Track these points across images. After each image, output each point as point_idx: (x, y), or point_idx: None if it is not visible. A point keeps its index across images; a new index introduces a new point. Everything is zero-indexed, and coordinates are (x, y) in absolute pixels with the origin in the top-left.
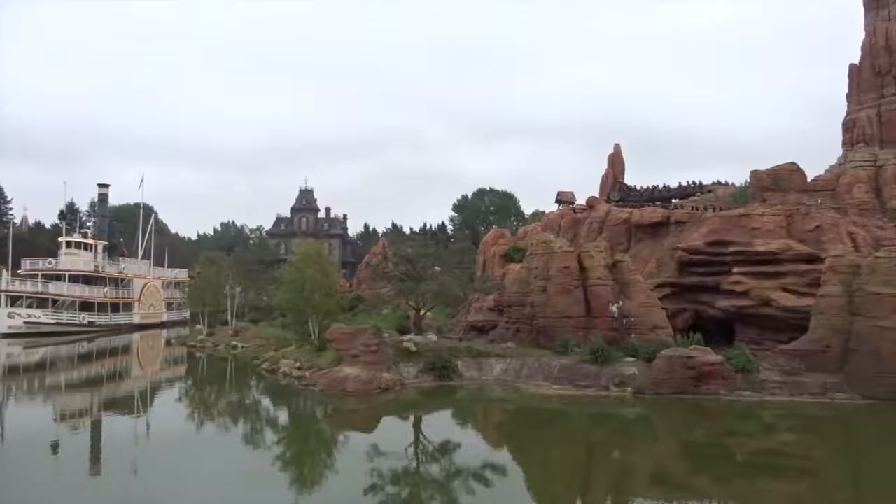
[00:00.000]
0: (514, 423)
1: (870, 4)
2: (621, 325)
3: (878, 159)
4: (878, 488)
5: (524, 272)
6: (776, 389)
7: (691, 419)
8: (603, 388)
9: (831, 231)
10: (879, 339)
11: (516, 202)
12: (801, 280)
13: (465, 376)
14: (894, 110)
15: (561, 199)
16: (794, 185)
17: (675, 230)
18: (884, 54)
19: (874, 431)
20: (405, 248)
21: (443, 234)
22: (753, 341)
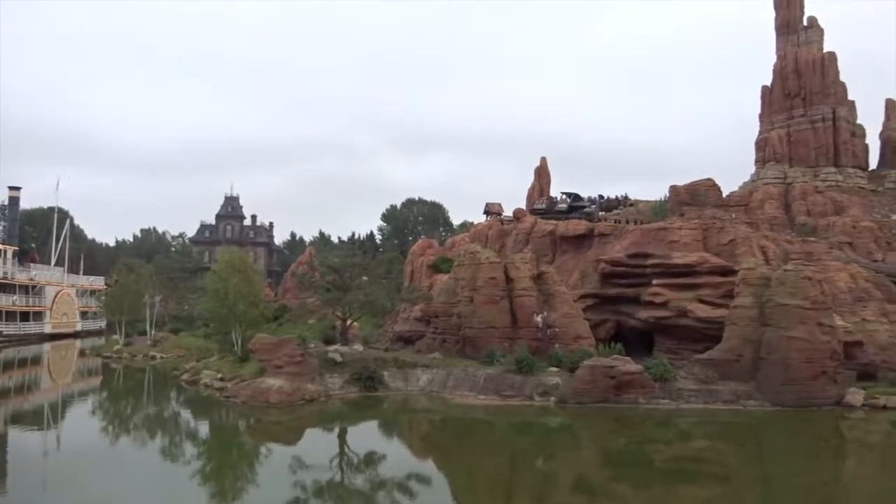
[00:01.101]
0: (439, 433)
1: (781, 30)
2: (545, 336)
3: (788, 177)
4: (785, 492)
5: (451, 282)
6: (692, 397)
7: (612, 427)
8: (527, 397)
9: (744, 245)
10: (787, 348)
11: (445, 212)
12: (716, 292)
13: (392, 387)
14: (803, 130)
15: (489, 211)
16: (710, 201)
17: (598, 242)
18: (793, 77)
19: (781, 437)
20: (332, 257)
21: (371, 243)
22: (671, 351)
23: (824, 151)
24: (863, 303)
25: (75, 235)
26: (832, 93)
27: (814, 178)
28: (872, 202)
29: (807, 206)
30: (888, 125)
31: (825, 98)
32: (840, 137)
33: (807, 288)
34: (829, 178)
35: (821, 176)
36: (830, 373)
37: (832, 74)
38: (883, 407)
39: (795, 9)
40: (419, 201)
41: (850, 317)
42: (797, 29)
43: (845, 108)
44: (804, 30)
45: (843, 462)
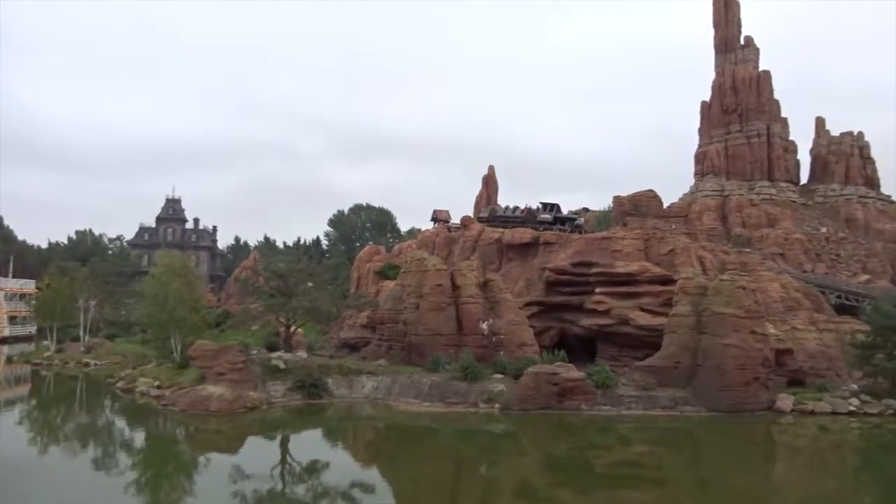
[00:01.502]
0: (383, 440)
1: (720, 48)
2: (491, 343)
3: (725, 189)
4: (719, 495)
5: (398, 289)
6: (632, 403)
7: (555, 433)
8: (472, 404)
9: (683, 255)
10: (722, 355)
11: (393, 219)
12: (656, 300)
13: (336, 394)
14: (739, 145)
15: (437, 218)
16: (651, 211)
17: (543, 251)
18: (731, 94)
19: (716, 442)
20: (277, 262)
21: (317, 249)
22: (613, 358)
23: (759, 166)
24: (793, 312)
25: (4, 236)
26: (767, 110)
27: (749, 191)
28: (803, 215)
29: (742, 219)
30: (818, 142)
31: (760, 114)
32: (774, 153)
33: (741, 297)
34: (763, 192)
35: (755, 189)
36: (762, 379)
37: (767, 92)
38: (811, 412)
39: (733, 28)
40: (367, 207)
41: (781, 325)
42: (735, 47)
43: (779, 124)
44: (741, 48)
45: (774, 465)
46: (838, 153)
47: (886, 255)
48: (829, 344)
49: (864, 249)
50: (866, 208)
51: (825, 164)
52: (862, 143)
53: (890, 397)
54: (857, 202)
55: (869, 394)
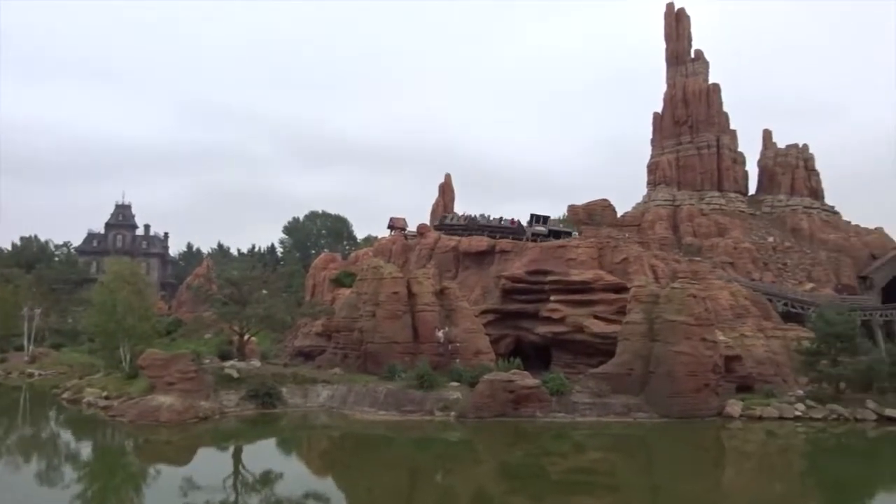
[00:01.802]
0: (338, 450)
1: (671, 61)
2: (447, 351)
3: (677, 199)
4: (670, 501)
5: (354, 297)
6: (586, 410)
7: (510, 441)
8: (428, 412)
9: (636, 263)
10: (673, 362)
11: (349, 226)
12: (610, 308)
13: (290, 403)
14: (690, 156)
15: (393, 226)
16: (605, 220)
17: (499, 259)
18: (682, 106)
19: (668, 448)
20: (231, 269)
21: (272, 256)
22: (568, 365)
23: (709, 176)
24: (742, 319)
25: None
26: (716, 122)
27: (700, 201)
28: (751, 225)
29: (693, 228)
30: (765, 154)
31: (710, 126)
32: (723, 164)
33: (692, 305)
34: (713, 202)
35: (706, 199)
36: (712, 385)
37: (716, 105)
38: (759, 417)
39: (684, 42)
40: (323, 214)
41: (731, 332)
42: (685, 61)
43: (728, 136)
44: (692, 62)
45: (724, 470)
46: (784, 165)
47: (830, 265)
48: (777, 350)
49: (810, 259)
50: (811, 219)
51: (772, 175)
52: (807, 156)
53: (834, 402)
54: (802, 213)
55: (814, 399)
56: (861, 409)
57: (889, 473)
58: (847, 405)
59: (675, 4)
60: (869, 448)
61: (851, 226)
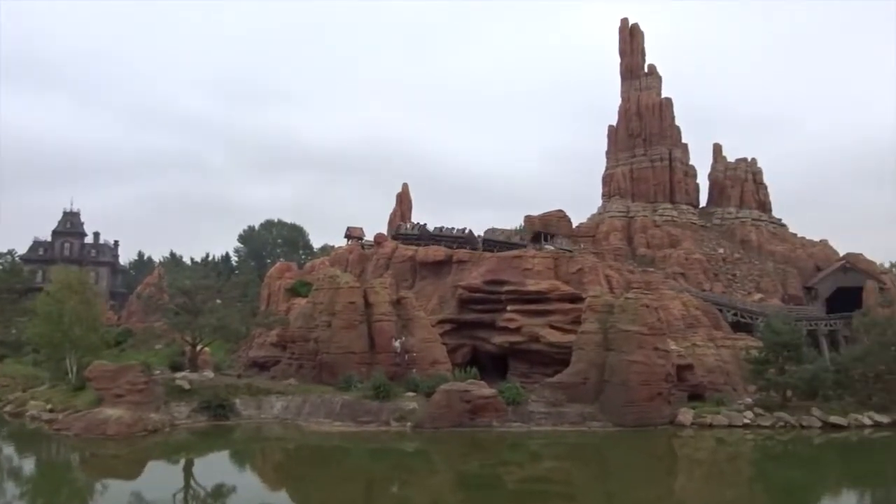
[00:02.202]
0: (293, 462)
1: (625, 75)
2: (404, 361)
3: (631, 211)
4: None
5: (310, 307)
6: (542, 420)
7: (467, 451)
8: (384, 423)
9: (591, 273)
10: (627, 371)
11: (305, 235)
12: (565, 318)
13: (244, 415)
14: (644, 168)
15: (350, 235)
16: (561, 231)
17: (456, 269)
18: (636, 119)
19: (622, 456)
20: (183, 278)
21: (226, 265)
22: (524, 375)
23: (662, 189)
24: (693, 329)
25: None
26: (669, 135)
27: (653, 213)
28: (702, 237)
29: (646, 239)
30: (715, 167)
31: (663, 140)
32: (675, 176)
33: (645, 315)
34: (665, 214)
35: (659, 211)
36: (665, 394)
37: (668, 118)
38: (709, 425)
39: (637, 57)
40: (278, 223)
41: (683, 342)
42: (639, 75)
43: (680, 149)
44: (645, 76)
45: (676, 478)
46: (734, 178)
47: (777, 276)
48: (727, 359)
49: (758, 270)
50: (759, 231)
51: (722, 188)
52: (755, 169)
53: (781, 410)
54: (751, 225)
55: (762, 407)
56: (806, 417)
57: (833, 479)
58: (793, 413)
59: (629, 20)
60: (814, 454)
61: (797, 238)
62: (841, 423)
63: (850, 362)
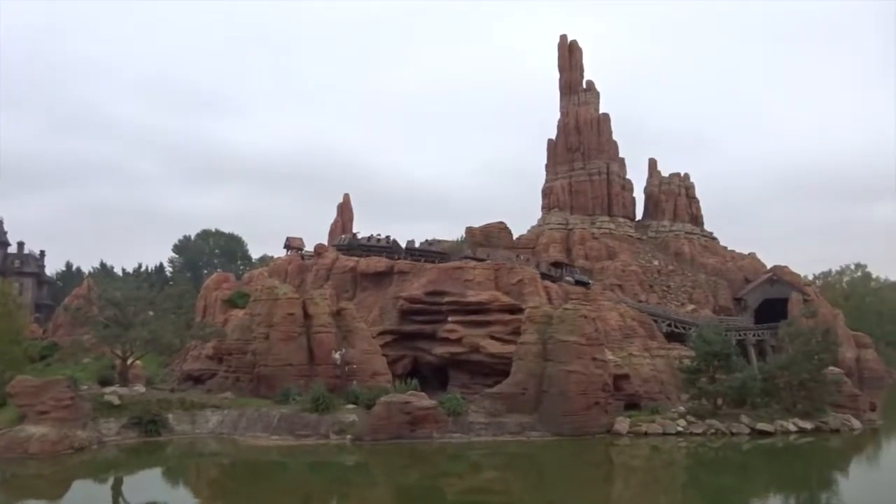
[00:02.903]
0: (228, 478)
1: (564, 90)
2: (344, 373)
3: (569, 223)
4: None
5: (247, 318)
6: (482, 430)
7: (407, 463)
8: (323, 436)
9: (531, 285)
10: (566, 381)
11: (244, 245)
12: (505, 328)
13: (177, 430)
14: (582, 181)
15: (290, 245)
16: (502, 242)
17: (398, 279)
18: (574, 133)
19: (560, 465)
20: (113, 290)
21: (160, 276)
22: (465, 385)
23: (600, 202)
24: (629, 339)
25: None
26: (606, 150)
27: (591, 225)
28: (639, 249)
29: (585, 251)
30: (650, 181)
31: (600, 154)
32: (612, 190)
33: (583, 325)
34: (603, 226)
35: (597, 224)
36: (602, 403)
37: (606, 133)
38: (644, 433)
39: (576, 72)
40: (216, 233)
41: (619, 352)
42: (578, 90)
43: (617, 164)
44: (584, 91)
45: (613, 485)
46: (668, 192)
47: (709, 287)
48: (661, 369)
49: (690, 281)
50: (692, 244)
51: (657, 202)
52: (688, 184)
53: (712, 418)
54: (684, 238)
55: (694, 415)
56: (736, 424)
57: (760, 483)
58: (724, 420)
59: (567, 36)
60: (743, 460)
61: (728, 251)
62: (768, 429)
63: (775, 371)
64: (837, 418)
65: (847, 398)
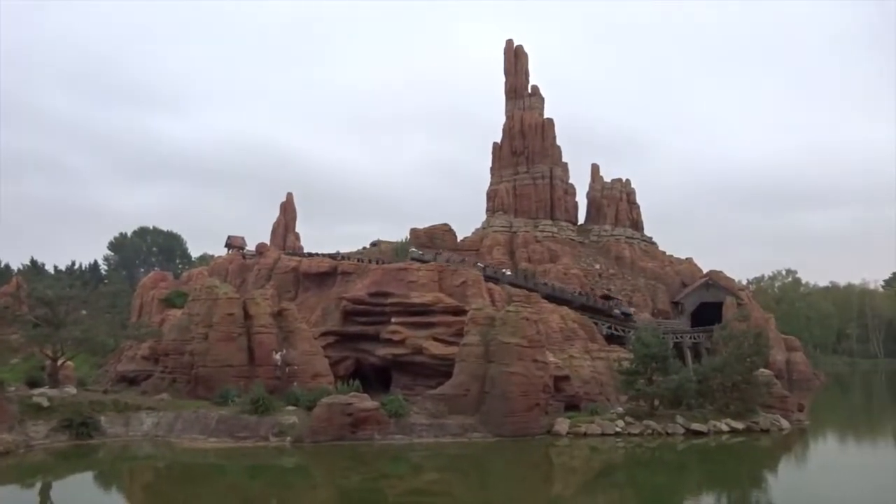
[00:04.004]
0: (163, 482)
1: (510, 94)
2: (284, 374)
3: (513, 226)
4: None
5: (185, 318)
6: (423, 432)
7: (348, 464)
8: (263, 438)
9: (474, 286)
10: (507, 383)
11: (183, 244)
12: (448, 330)
13: (110, 433)
14: (526, 185)
15: (231, 244)
16: (446, 244)
17: (341, 280)
18: (519, 137)
19: (500, 465)
20: (44, 288)
21: (94, 274)
22: (408, 387)
23: (543, 205)
24: (570, 341)
25: None
26: (550, 154)
27: (534, 228)
28: (580, 252)
29: (528, 253)
30: (593, 186)
31: (544, 158)
32: (555, 194)
33: (525, 327)
34: (546, 230)
35: (540, 227)
36: (543, 405)
37: (550, 138)
38: (584, 434)
39: (521, 77)
40: (153, 230)
41: (560, 353)
42: (523, 95)
43: (560, 168)
44: (529, 96)
45: (552, 485)
46: (610, 197)
47: (648, 291)
48: (601, 371)
49: (630, 285)
50: (632, 248)
51: (599, 206)
52: (629, 189)
53: (649, 418)
54: (624, 242)
55: (632, 415)
56: (672, 424)
57: (694, 482)
58: (660, 421)
59: (514, 41)
60: (678, 460)
61: (666, 255)
62: (702, 429)
63: (710, 373)
64: (767, 418)
65: (777, 399)
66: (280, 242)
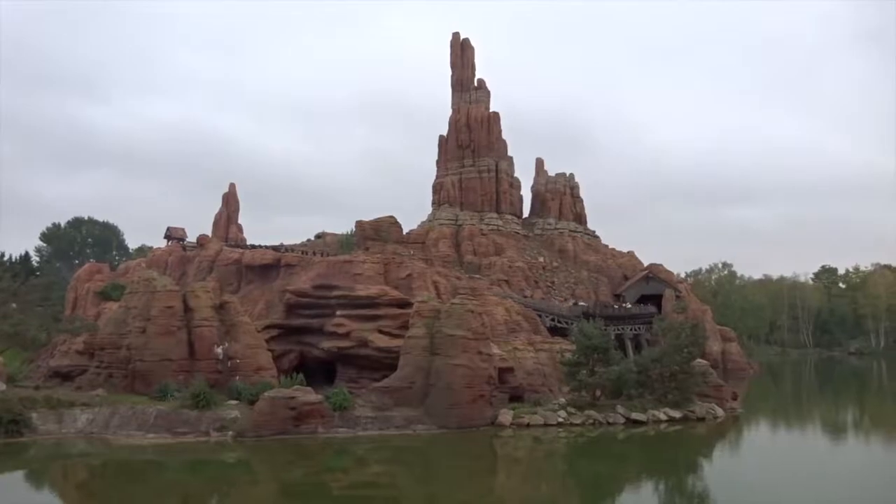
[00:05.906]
0: (98, 480)
1: (456, 87)
2: (226, 368)
3: (459, 219)
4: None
5: (122, 311)
6: (368, 424)
7: (291, 459)
8: (203, 433)
9: (420, 279)
10: (452, 375)
11: (119, 235)
12: (394, 323)
13: (41, 430)
14: (472, 178)
15: (171, 236)
16: (392, 237)
17: (285, 273)
18: (465, 131)
19: (445, 457)
20: None
21: (26, 266)
22: (353, 380)
23: (489, 199)
24: (515, 333)
25: None
26: (496, 148)
27: (480, 221)
28: (525, 245)
29: (473, 247)
30: (537, 180)
31: (490, 152)
32: (501, 187)
33: (469, 320)
34: (491, 223)
35: (485, 220)
36: (487, 396)
37: (496, 132)
38: (527, 425)
39: (468, 70)
40: (89, 221)
41: (505, 345)
42: (469, 88)
43: (506, 161)
44: (475, 90)
45: (496, 476)
46: (554, 191)
47: (590, 283)
48: (544, 362)
49: (574, 277)
50: (576, 241)
51: (543, 200)
52: (573, 184)
53: (590, 409)
54: (568, 235)
55: (574, 406)
56: (612, 414)
57: (634, 470)
58: (601, 410)
59: (460, 34)
60: (618, 449)
61: (609, 249)
62: (641, 419)
63: (649, 363)
64: (703, 407)
65: (712, 388)
66: (222, 234)
